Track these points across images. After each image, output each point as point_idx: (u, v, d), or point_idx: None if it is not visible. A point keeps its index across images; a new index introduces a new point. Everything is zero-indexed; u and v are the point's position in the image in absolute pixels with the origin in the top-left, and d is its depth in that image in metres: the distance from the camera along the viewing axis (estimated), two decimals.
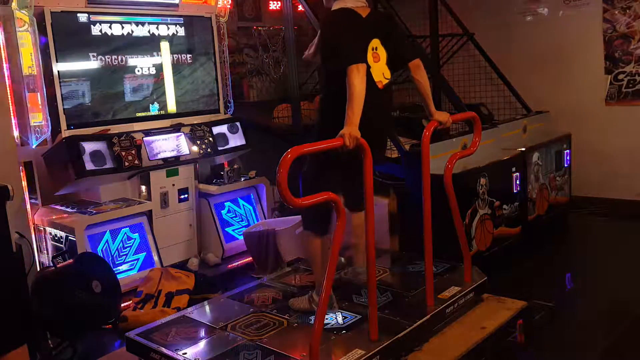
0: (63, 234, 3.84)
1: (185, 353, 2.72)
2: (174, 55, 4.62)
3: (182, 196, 4.45)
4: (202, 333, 2.96)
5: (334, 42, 2.92)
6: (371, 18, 3.03)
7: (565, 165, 5.15)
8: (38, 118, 3.89)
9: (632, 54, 5.34)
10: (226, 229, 4.73)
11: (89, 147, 3.91)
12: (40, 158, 3.94)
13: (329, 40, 2.96)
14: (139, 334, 2.95)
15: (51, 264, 3.59)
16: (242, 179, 4.83)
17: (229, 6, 4.94)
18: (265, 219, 4.90)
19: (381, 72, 3.01)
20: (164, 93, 4.57)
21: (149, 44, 4.44)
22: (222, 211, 4.75)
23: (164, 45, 4.55)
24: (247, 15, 6.15)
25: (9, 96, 3.77)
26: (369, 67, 2.90)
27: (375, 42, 2.99)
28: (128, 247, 4.13)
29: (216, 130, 4.67)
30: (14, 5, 3.71)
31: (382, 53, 3.02)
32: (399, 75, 3.96)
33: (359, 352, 2.62)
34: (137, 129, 4.27)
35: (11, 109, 3.80)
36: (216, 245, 4.62)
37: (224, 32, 4.93)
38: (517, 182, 4.37)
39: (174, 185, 4.40)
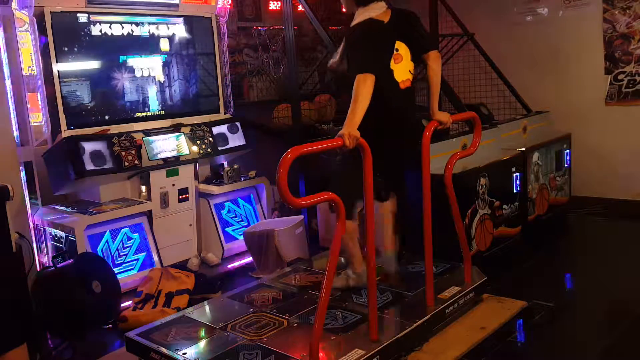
0: (63, 234, 3.84)
1: (185, 353, 2.73)
2: (174, 55, 4.62)
3: (182, 196, 4.45)
4: (202, 333, 2.96)
5: (350, 53, 3.09)
6: (394, 21, 3.15)
7: (565, 165, 5.15)
8: (38, 118, 3.89)
9: (632, 54, 5.34)
10: (226, 229, 4.73)
11: (89, 147, 3.91)
12: (40, 158, 3.94)
13: (348, 52, 3.12)
14: (139, 334, 2.96)
15: (51, 264, 3.59)
16: (242, 179, 4.83)
17: (229, 6, 4.94)
18: (265, 219, 4.90)
19: (406, 70, 3.16)
20: (164, 93, 4.57)
21: (149, 44, 4.44)
22: (222, 211, 4.75)
23: (164, 45, 4.55)
24: (247, 15, 6.14)
25: (9, 96, 3.77)
26: (391, 70, 3.07)
27: (397, 44, 3.12)
28: (128, 247, 4.13)
29: (216, 130, 4.67)
30: (14, 5, 3.71)
31: (405, 51, 3.15)
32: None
33: (359, 352, 2.63)
34: (137, 129, 4.27)
35: (11, 109, 3.80)
36: (216, 245, 4.62)
37: (224, 32, 4.93)
38: (517, 182, 4.37)
39: (174, 185, 4.40)
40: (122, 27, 4.27)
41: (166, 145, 4.33)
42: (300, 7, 4.96)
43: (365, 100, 2.84)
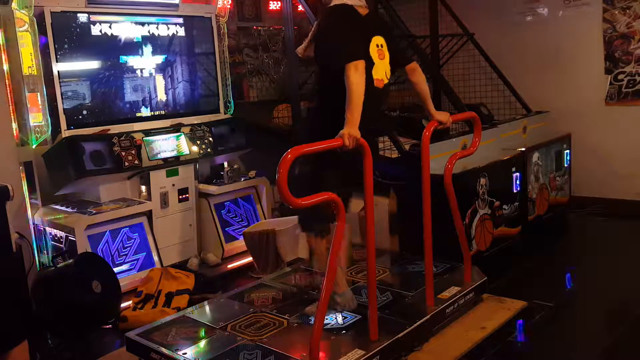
0: (63, 234, 3.84)
1: (185, 353, 2.73)
2: (174, 55, 4.62)
3: (182, 196, 4.45)
4: (202, 333, 2.96)
5: (331, 38, 2.89)
6: (371, 18, 3.03)
7: (565, 165, 5.15)
8: (38, 118, 3.89)
9: (632, 54, 5.34)
10: (226, 229, 4.73)
11: (89, 147, 3.91)
12: (40, 158, 3.94)
13: (327, 36, 2.92)
14: (139, 334, 2.96)
15: (51, 264, 3.59)
16: (242, 179, 4.83)
17: (229, 6, 4.94)
18: (265, 219, 4.90)
19: (384, 71, 3.00)
20: (164, 93, 4.57)
21: (149, 44, 4.44)
22: (222, 211, 4.75)
23: (164, 45, 4.55)
24: (247, 15, 6.15)
25: (9, 96, 3.77)
26: (372, 64, 2.89)
27: (380, 40, 2.98)
28: (128, 247, 4.13)
29: (216, 130, 4.67)
30: (14, 5, 3.71)
31: (387, 52, 3.01)
32: (399, 76, 3.96)
33: (359, 352, 2.63)
34: (137, 129, 4.27)
35: (11, 109, 3.80)
36: (216, 245, 4.62)
37: (224, 32, 4.93)
38: (517, 182, 4.36)
39: (174, 185, 4.40)
40: (122, 27, 4.27)
41: (166, 145, 4.33)
42: (300, 7, 4.96)
43: (361, 91, 2.67)
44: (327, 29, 2.93)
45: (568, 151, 5.17)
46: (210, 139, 4.59)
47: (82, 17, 4.05)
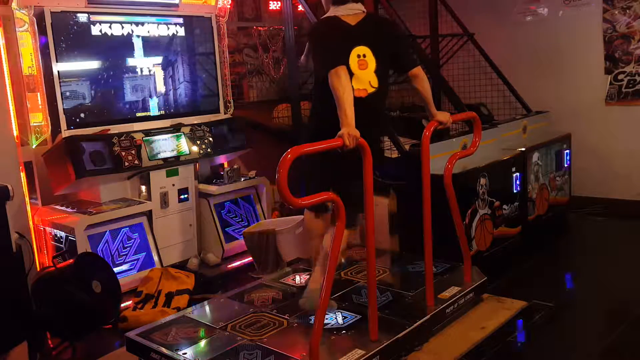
0: (63, 234, 3.84)
1: (185, 353, 2.73)
2: (174, 55, 4.62)
3: (182, 196, 4.45)
4: (202, 333, 2.96)
5: (314, 48, 3.05)
6: (362, 25, 3.04)
7: (565, 165, 5.15)
8: (38, 118, 3.89)
9: (632, 54, 5.34)
10: (226, 229, 4.73)
11: (89, 147, 3.91)
12: (40, 158, 3.94)
13: (311, 47, 3.10)
14: (139, 334, 2.96)
15: (51, 264, 3.59)
16: (242, 179, 4.83)
17: (229, 6, 4.94)
18: (265, 219, 4.90)
19: (367, 81, 3.00)
20: (164, 93, 4.57)
21: (149, 44, 4.44)
22: (222, 211, 4.75)
23: (164, 45, 4.55)
24: (247, 15, 6.15)
25: (9, 96, 3.77)
26: (352, 75, 2.91)
27: (363, 49, 2.99)
28: (128, 247, 4.13)
29: (216, 130, 4.67)
30: (14, 5, 3.71)
31: (371, 61, 3.01)
32: (399, 75, 3.96)
33: (359, 352, 2.63)
34: (137, 129, 4.27)
35: (11, 109, 3.80)
36: (216, 245, 4.62)
37: (224, 32, 4.93)
38: (517, 182, 4.36)
39: (174, 185, 4.40)
40: (122, 27, 4.27)
41: (166, 145, 4.33)
42: (300, 7, 4.96)
43: (346, 94, 2.74)
44: (311, 40, 3.13)
45: (568, 151, 5.17)
46: (210, 139, 4.59)
47: (82, 17, 4.05)
